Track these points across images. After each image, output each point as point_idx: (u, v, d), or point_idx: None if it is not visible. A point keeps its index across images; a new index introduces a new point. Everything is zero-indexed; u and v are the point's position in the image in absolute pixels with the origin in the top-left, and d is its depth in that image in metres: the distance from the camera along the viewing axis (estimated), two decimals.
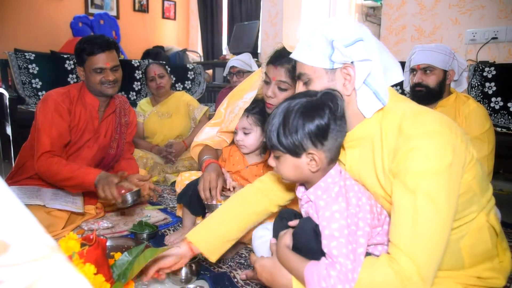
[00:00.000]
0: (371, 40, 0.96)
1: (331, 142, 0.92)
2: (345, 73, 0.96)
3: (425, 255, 0.81)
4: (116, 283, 0.94)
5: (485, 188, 0.98)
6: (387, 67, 0.98)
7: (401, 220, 0.85)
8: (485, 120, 1.80)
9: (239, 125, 1.61)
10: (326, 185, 0.95)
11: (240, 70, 2.83)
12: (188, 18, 6.14)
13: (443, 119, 0.89)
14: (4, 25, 4.42)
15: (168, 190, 2.51)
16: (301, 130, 0.90)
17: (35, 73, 3.20)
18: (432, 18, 3.18)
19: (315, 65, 0.97)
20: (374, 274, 0.83)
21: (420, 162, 0.84)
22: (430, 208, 0.82)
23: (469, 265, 0.97)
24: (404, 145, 0.87)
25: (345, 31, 0.94)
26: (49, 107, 1.73)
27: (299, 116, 0.91)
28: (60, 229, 1.68)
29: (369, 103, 0.95)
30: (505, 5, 2.80)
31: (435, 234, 0.82)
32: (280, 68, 1.43)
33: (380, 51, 0.97)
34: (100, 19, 4.89)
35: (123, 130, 2.05)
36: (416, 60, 1.89)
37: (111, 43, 1.80)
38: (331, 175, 0.96)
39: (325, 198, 0.93)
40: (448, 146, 0.84)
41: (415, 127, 0.87)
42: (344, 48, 0.92)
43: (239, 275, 1.38)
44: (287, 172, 0.98)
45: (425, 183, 0.83)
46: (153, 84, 2.83)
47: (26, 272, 0.32)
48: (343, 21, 0.97)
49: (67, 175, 1.65)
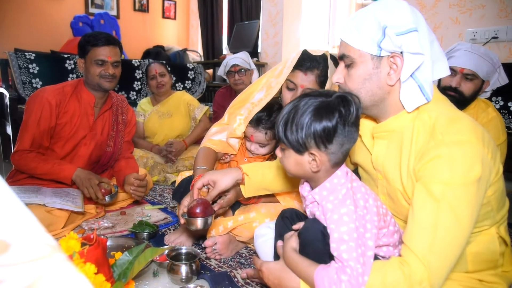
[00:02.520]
0: (424, 31, 0.91)
1: (336, 147, 0.91)
2: (391, 62, 0.92)
3: (439, 264, 0.81)
4: (116, 282, 0.94)
5: (502, 204, 0.96)
6: (435, 60, 0.94)
7: (421, 225, 0.83)
8: (501, 132, 1.75)
9: (255, 139, 1.56)
10: (332, 186, 0.94)
11: (242, 68, 2.81)
12: (188, 18, 6.14)
13: (477, 129, 0.87)
14: (5, 25, 4.42)
15: (168, 189, 2.51)
16: (307, 129, 0.89)
17: (36, 73, 3.20)
18: (432, 17, 3.17)
19: (362, 49, 0.93)
20: (385, 277, 0.83)
21: (447, 171, 0.82)
22: (451, 220, 0.81)
23: (472, 270, 0.97)
24: (434, 150, 0.85)
25: (400, 18, 0.88)
26: (36, 103, 1.78)
27: (308, 115, 0.90)
28: (60, 229, 1.68)
29: (413, 96, 0.92)
30: (506, 4, 2.80)
31: (452, 245, 0.82)
32: (310, 75, 1.37)
33: (432, 43, 0.92)
34: (100, 18, 4.89)
35: (120, 128, 2.05)
36: (461, 62, 1.71)
37: (115, 40, 1.87)
38: (337, 176, 0.94)
39: (332, 200, 0.92)
40: (477, 159, 0.82)
41: (448, 134, 0.85)
42: (396, 36, 0.87)
43: (239, 274, 1.38)
44: (289, 166, 0.98)
45: (450, 193, 0.81)
46: (153, 82, 2.82)
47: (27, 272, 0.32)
48: (398, 5, 0.91)
49: (44, 171, 1.78)
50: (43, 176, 1.80)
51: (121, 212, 2.01)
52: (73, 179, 1.79)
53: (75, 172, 1.78)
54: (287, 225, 1.15)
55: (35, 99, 1.78)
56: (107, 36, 1.83)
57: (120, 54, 1.89)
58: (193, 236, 1.63)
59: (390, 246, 0.96)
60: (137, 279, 1.32)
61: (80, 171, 1.79)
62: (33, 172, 1.80)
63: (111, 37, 1.85)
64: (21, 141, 1.79)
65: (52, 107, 1.78)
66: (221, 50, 5.49)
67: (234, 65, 2.81)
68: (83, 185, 1.76)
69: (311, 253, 0.95)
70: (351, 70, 0.97)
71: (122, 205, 2.09)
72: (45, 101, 1.76)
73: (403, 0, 0.93)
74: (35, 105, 1.76)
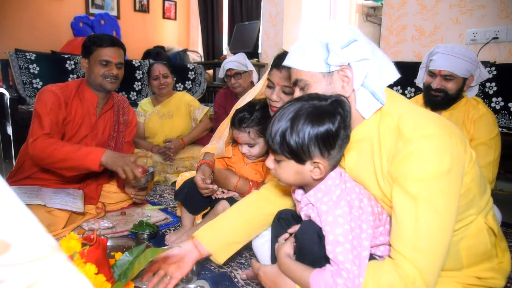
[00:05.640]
0: (364, 40, 0.95)
1: (337, 151, 0.91)
2: (342, 75, 0.95)
3: (426, 260, 0.81)
4: (116, 283, 0.94)
5: (483, 189, 0.98)
6: (381, 66, 0.97)
7: (402, 225, 0.84)
8: (493, 126, 1.79)
9: (242, 141, 1.59)
10: (326, 188, 0.94)
11: (237, 72, 2.80)
12: (188, 18, 6.14)
13: (441, 121, 0.89)
14: (5, 25, 4.42)
15: (169, 190, 2.51)
16: (310, 137, 0.87)
17: (36, 73, 3.20)
18: (433, 18, 3.18)
19: (312, 70, 0.96)
20: (379, 278, 0.83)
21: (419, 167, 0.84)
22: (431, 214, 0.82)
23: (467, 266, 0.97)
24: (403, 149, 0.86)
25: (338, 33, 0.94)
26: (48, 96, 1.76)
27: (309, 122, 0.87)
28: (61, 229, 1.68)
29: (367, 103, 0.95)
30: (506, 5, 2.80)
31: (436, 238, 0.82)
32: (285, 72, 1.42)
33: (373, 50, 0.96)
34: (100, 19, 4.89)
35: (121, 128, 2.05)
36: (438, 65, 1.79)
37: (120, 42, 1.89)
38: (332, 177, 0.94)
39: (326, 202, 0.92)
40: (446, 150, 0.84)
41: (414, 130, 0.86)
42: (339, 49, 0.91)
43: (239, 275, 1.38)
44: (286, 177, 0.96)
45: (425, 189, 0.83)
46: (156, 83, 2.82)
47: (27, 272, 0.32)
48: (334, 24, 0.97)
49: (65, 156, 1.61)
50: (60, 164, 1.64)
51: (121, 212, 2.01)
52: (103, 162, 1.61)
53: (104, 154, 1.62)
54: (283, 227, 1.14)
55: (45, 92, 1.77)
56: (112, 38, 1.86)
57: (123, 56, 1.91)
58: None
59: (387, 245, 0.96)
60: (138, 279, 1.32)
61: (109, 153, 1.64)
62: (51, 159, 1.63)
63: (116, 39, 1.88)
64: (39, 127, 1.68)
65: (61, 102, 1.78)
66: (222, 51, 5.49)
67: (229, 69, 2.80)
68: (117, 164, 1.60)
69: (308, 255, 0.95)
70: (306, 92, 0.99)
71: (122, 205, 2.09)
72: (55, 95, 1.77)
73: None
74: (45, 97, 1.75)
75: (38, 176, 1.87)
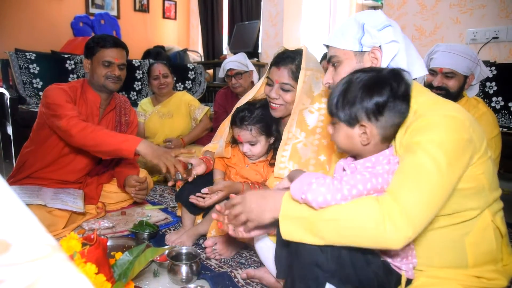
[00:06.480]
0: (399, 30, 1.04)
1: (386, 120, 0.92)
2: (372, 56, 1.04)
3: (411, 198, 0.82)
4: (116, 282, 0.94)
5: (494, 186, 0.98)
6: (411, 63, 1.04)
7: (396, 172, 0.88)
8: (493, 126, 1.78)
9: (243, 139, 1.58)
10: (376, 161, 0.95)
11: (238, 72, 2.80)
12: (188, 18, 6.14)
13: (463, 110, 0.93)
14: (5, 25, 4.42)
15: (169, 190, 2.51)
16: (358, 102, 0.92)
17: (36, 73, 3.20)
18: (433, 17, 3.17)
19: (346, 48, 1.05)
20: (360, 203, 0.85)
21: (429, 132, 0.87)
22: (426, 159, 0.84)
23: (472, 265, 0.96)
24: (417, 121, 0.90)
25: (376, 18, 1.04)
26: (59, 92, 1.75)
27: (359, 89, 0.92)
28: (61, 229, 1.68)
29: None
30: (506, 4, 2.80)
31: (425, 181, 0.83)
32: (283, 70, 1.43)
33: (406, 43, 1.04)
34: (100, 19, 4.89)
35: (123, 129, 2.06)
36: (439, 63, 1.80)
37: (123, 43, 1.90)
38: (385, 155, 0.95)
39: (367, 167, 0.94)
40: (460, 128, 0.87)
41: (431, 110, 0.91)
42: (375, 31, 1.01)
43: (239, 274, 1.38)
44: (340, 140, 0.99)
45: (430, 146, 0.85)
46: (156, 82, 2.82)
47: (27, 272, 0.32)
48: (375, 11, 1.08)
49: (101, 140, 1.61)
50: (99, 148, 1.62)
51: (121, 212, 2.01)
52: (141, 152, 1.58)
53: (140, 143, 1.59)
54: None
55: (55, 90, 1.75)
56: (115, 39, 1.87)
57: (126, 57, 1.92)
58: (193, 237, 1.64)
59: None
60: (138, 279, 1.32)
61: (147, 143, 1.62)
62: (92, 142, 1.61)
63: (119, 40, 1.89)
64: (66, 110, 1.66)
65: (71, 99, 1.77)
66: (222, 50, 5.49)
67: (230, 69, 2.80)
68: (159, 157, 1.55)
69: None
70: (338, 68, 1.08)
71: (123, 205, 2.09)
72: (65, 91, 1.76)
73: None
74: (57, 92, 1.74)
75: (39, 175, 1.87)
